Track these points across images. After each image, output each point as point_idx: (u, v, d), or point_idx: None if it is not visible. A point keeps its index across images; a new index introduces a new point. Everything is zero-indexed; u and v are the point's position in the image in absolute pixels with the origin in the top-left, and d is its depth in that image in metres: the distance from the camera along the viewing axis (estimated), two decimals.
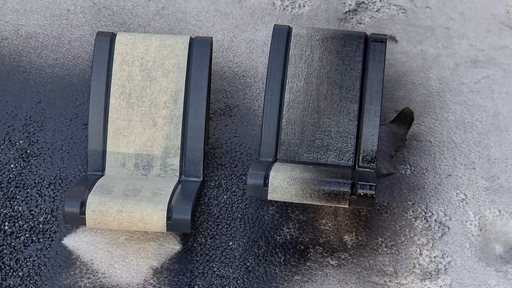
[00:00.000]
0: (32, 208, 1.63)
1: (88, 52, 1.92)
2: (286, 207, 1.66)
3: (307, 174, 1.52)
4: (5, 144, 1.73)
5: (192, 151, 1.59)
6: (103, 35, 1.65)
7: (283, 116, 1.65)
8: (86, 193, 1.50)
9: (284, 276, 1.55)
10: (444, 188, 1.72)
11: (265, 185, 1.52)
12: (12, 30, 1.96)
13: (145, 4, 2.05)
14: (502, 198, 1.74)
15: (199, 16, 2.04)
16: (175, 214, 1.47)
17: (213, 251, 1.58)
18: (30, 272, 1.52)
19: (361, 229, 1.64)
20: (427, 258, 1.61)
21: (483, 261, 1.62)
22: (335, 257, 1.59)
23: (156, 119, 1.59)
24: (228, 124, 1.82)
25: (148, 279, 1.52)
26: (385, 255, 1.60)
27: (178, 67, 1.61)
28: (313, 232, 1.63)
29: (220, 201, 1.67)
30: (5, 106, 1.79)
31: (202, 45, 1.65)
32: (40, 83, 1.85)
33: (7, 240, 1.58)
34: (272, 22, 2.06)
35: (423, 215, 1.68)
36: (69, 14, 2.01)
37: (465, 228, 1.67)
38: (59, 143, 1.74)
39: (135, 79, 1.62)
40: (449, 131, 1.86)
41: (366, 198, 1.52)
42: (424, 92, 1.98)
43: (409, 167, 1.78)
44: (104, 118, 1.61)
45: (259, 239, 1.60)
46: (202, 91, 1.62)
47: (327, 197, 1.51)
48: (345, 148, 1.61)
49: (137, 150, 1.59)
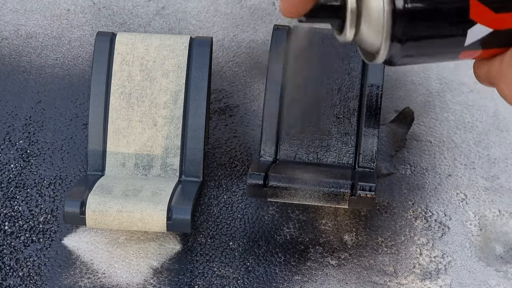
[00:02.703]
0: (32, 208, 1.63)
1: (88, 52, 1.92)
2: (286, 207, 1.66)
3: (307, 175, 1.52)
4: (5, 144, 1.72)
5: (192, 151, 1.59)
6: (103, 35, 1.65)
7: (283, 116, 1.65)
8: (86, 193, 1.50)
9: (284, 276, 1.55)
10: (444, 188, 1.72)
11: (264, 185, 1.52)
12: (12, 30, 1.96)
13: (145, 4, 2.05)
14: (502, 198, 1.74)
15: (199, 16, 2.04)
16: (175, 214, 1.46)
17: (213, 251, 1.58)
18: (30, 272, 1.52)
19: (361, 229, 1.64)
20: (427, 258, 1.61)
21: (483, 261, 1.62)
22: (335, 257, 1.59)
23: (156, 119, 1.59)
24: (228, 124, 1.81)
25: (148, 279, 1.52)
26: (385, 255, 1.60)
27: (178, 67, 1.61)
28: (313, 232, 1.63)
29: (220, 201, 1.67)
30: (5, 106, 1.79)
31: (202, 45, 1.64)
32: (40, 83, 1.85)
33: (7, 240, 1.58)
34: (272, 22, 2.06)
35: (423, 215, 1.68)
36: (69, 14, 2.01)
37: (465, 228, 1.67)
38: (59, 143, 1.74)
39: (135, 79, 1.62)
40: (449, 131, 1.85)
41: (366, 199, 1.52)
42: (424, 92, 1.98)
43: (409, 167, 1.77)
44: (104, 118, 1.61)
45: (259, 239, 1.60)
46: (202, 91, 1.62)
47: (327, 197, 1.51)
48: (345, 148, 1.61)
49: (137, 150, 1.59)
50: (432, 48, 0.60)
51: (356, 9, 0.59)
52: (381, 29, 0.59)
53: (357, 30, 0.60)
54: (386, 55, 0.59)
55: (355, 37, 0.61)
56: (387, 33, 0.58)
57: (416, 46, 0.59)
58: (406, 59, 0.61)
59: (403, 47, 0.59)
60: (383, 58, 0.59)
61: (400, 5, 0.57)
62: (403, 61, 0.60)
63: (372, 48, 0.60)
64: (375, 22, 0.59)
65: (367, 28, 0.59)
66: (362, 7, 0.59)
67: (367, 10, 0.59)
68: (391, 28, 0.58)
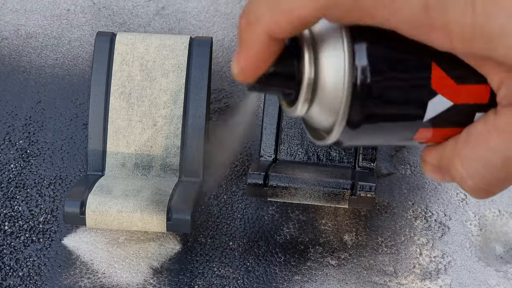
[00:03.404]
0: (32, 208, 1.63)
1: (88, 52, 1.92)
2: (286, 207, 1.66)
3: (307, 174, 1.52)
4: (5, 144, 1.72)
5: (192, 151, 1.59)
6: (103, 35, 1.65)
7: (283, 116, 1.65)
8: (86, 193, 1.50)
9: (284, 276, 1.55)
10: (444, 188, 1.72)
11: (264, 185, 1.52)
12: (12, 30, 1.96)
13: (145, 4, 2.05)
14: (502, 198, 1.74)
15: (199, 16, 2.04)
16: (175, 214, 1.46)
17: (213, 251, 1.58)
18: (30, 272, 1.52)
19: (361, 229, 1.64)
20: (427, 258, 1.61)
21: (483, 261, 1.62)
22: (335, 257, 1.59)
23: (156, 119, 1.59)
24: (228, 124, 1.82)
25: (148, 279, 1.52)
26: (385, 255, 1.60)
27: (178, 67, 1.61)
28: (313, 232, 1.63)
29: (220, 201, 1.67)
30: (5, 106, 1.79)
31: (202, 45, 1.64)
32: (40, 83, 1.85)
33: (7, 240, 1.58)
34: None
35: (423, 215, 1.68)
36: (69, 14, 2.01)
37: (465, 228, 1.67)
38: (59, 143, 1.74)
39: (135, 79, 1.62)
40: None
41: (366, 199, 1.52)
42: None
43: (409, 167, 1.78)
44: (104, 118, 1.61)
45: (259, 239, 1.60)
46: (202, 91, 1.62)
47: (327, 197, 1.51)
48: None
49: (137, 150, 1.59)
50: (392, 124, 0.55)
51: (313, 81, 0.53)
52: (337, 110, 0.53)
53: (310, 106, 0.54)
54: (339, 136, 0.54)
55: (305, 113, 0.55)
56: (343, 115, 0.53)
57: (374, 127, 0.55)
58: (359, 141, 0.56)
59: (360, 129, 0.54)
60: (334, 139, 0.55)
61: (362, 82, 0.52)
62: (354, 143, 0.56)
63: (323, 127, 0.55)
64: (331, 99, 0.53)
65: (321, 105, 0.54)
66: (319, 80, 0.53)
67: (325, 84, 0.53)
68: (349, 109, 0.53)
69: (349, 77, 0.52)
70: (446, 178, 0.58)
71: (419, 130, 0.56)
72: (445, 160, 0.57)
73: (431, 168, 0.59)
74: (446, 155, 0.57)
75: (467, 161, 0.54)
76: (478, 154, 0.54)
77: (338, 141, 0.55)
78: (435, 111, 0.55)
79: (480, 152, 0.53)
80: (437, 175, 0.58)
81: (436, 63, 0.54)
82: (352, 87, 0.52)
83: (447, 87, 0.54)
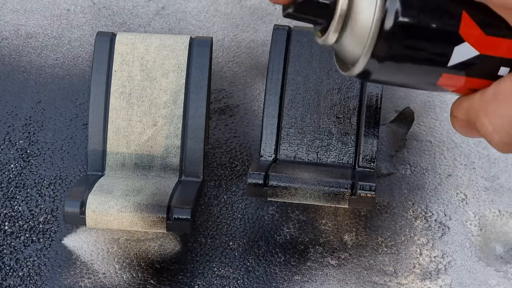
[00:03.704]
0: (32, 208, 1.63)
1: (88, 52, 1.92)
2: (286, 207, 1.66)
3: (307, 174, 1.52)
4: (5, 144, 1.72)
5: (192, 151, 1.59)
6: (103, 35, 1.65)
7: (283, 116, 1.65)
8: (86, 193, 1.50)
9: (284, 276, 1.55)
10: (444, 188, 1.72)
11: (264, 185, 1.52)
12: (12, 30, 1.96)
13: (145, 4, 2.05)
14: (502, 198, 1.74)
15: (199, 16, 2.04)
16: (175, 214, 1.46)
17: (213, 251, 1.58)
18: (30, 272, 1.52)
19: (361, 229, 1.64)
20: (427, 258, 1.61)
21: (483, 261, 1.62)
22: (335, 257, 1.59)
23: (156, 119, 1.59)
24: (228, 124, 1.81)
25: (148, 279, 1.52)
26: (385, 255, 1.60)
27: (178, 67, 1.61)
28: (313, 232, 1.63)
29: (220, 201, 1.67)
30: (5, 106, 1.79)
31: (202, 45, 1.64)
32: (40, 83, 1.85)
33: (7, 240, 1.58)
34: (272, 22, 2.06)
35: (423, 215, 1.68)
36: (69, 14, 2.01)
37: (465, 228, 1.67)
38: (59, 143, 1.73)
39: (135, 79, 1.62)
40: (449, 131, 1.85)
41: (366, 198, 1.52)
42: (424, 92, 1.98)
43: (409, 167, 1.77)
44: (104, 118, 1.61)
45: (259, 239, 1.60)
46: (202, 91, 1.62)
47: (327, 197, 1.51)
48: (345, 148, 1.61)
49: (137, 150, 1.59)
50: (415, 65, 0.57)
51: (345, 12, 0.55)
52: (364, 42, 0.55)
53: (340, 36, 0.56)
54: (363, 68, 0.56)
55: (335, 43, 0.58)
56: (369, 47, 0.55)
57: (398, 65, 0.56)
58: (384, 77, 0.57)
59: (384, 64, 0.56)
60: (358, 71, 0.56)
61: (391, 19, 0.54)
62: (379, 77, 0.57)
63: (350, 58, 0.57)
64: (360, 31, 0.55)
65: (350, 36, 0.56)
66: (351, 12, 0.55)
67: (356, 16, 0.55)
68: (375, 42, 0.55)
69: (379, 13, 0.54)
70: (474, 133, 0.58)
71: (442, 75, 0.57)
72: (472, 113, 0.58)
73: (460, 123, 0.59)
74: (474, 107, 0.57)
75: (495, 116, 0.55)
76: (505, 111, 0.54)
77: (364, 72, 0.56)
78: (460, 57, 0.56)
79: (507, 110, 0.53)
80: (465, 130, 0.59)
81: (467, 11, 0.55)
82: (381, 22, 0.54)
83: (474, 36, 0.55)
